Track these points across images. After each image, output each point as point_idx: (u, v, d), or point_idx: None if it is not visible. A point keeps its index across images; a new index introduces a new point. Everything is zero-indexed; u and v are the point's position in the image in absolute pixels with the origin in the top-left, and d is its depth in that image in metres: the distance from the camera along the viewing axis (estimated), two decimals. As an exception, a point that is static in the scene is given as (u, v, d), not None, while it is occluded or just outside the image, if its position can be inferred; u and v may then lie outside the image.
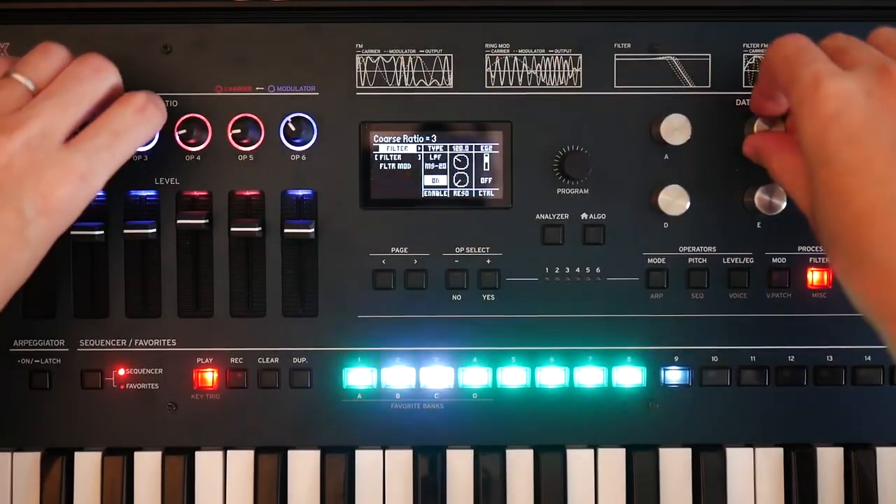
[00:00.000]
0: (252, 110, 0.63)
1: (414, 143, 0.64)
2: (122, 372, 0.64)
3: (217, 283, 0.64)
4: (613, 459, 0.65)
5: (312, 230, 0.62)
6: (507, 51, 0.63)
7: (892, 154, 0.48)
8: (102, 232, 0.62)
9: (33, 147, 0.52)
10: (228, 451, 0.65)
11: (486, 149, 0.64)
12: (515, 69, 0.63)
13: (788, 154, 0.57)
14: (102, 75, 0.56)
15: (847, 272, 0.51)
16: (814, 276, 0.64)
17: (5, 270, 0.52)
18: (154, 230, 0.62)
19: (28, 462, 0.65)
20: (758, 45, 0.63)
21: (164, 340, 0.64)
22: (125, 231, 0.62)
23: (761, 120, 0.61)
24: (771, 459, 0.65)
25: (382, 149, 0.63)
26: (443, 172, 0.64)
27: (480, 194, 0.64)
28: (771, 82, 0.58)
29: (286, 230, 0.62)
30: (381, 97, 0.63)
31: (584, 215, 0.64)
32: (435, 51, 0.63)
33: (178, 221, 0.62)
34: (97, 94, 0.56)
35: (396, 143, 0.64)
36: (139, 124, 0.56)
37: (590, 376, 0.64)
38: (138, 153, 0.62)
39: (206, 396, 0.64)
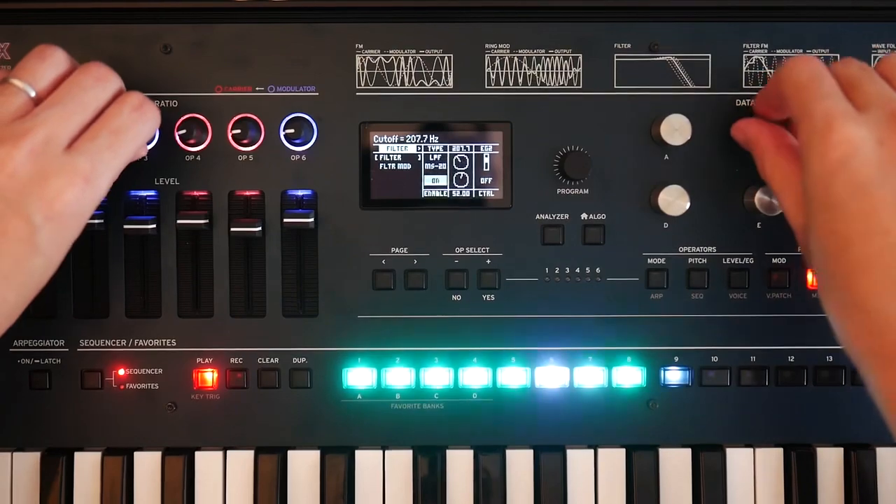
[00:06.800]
0: (252, 110, 0.63)
1: (414, 143, 0.63)
2: (122, 372, 0.64)
3: (217, 283, 0.64)
4: (613, 459, 0.65)
5: (312, 220, 0.62)
6: (507, 51, 0.63)
7: None
8: (102, 220, 0.62)
9: (37, 155, 0.52)
10: (228, 451, 0.65)
11: (486, 149, 0.64)
12: (515, 69, 0.63)
13: (785, 159, 0.56)
14: (104, 83, 0.57)
15: (839, 312, 0.50)
16: (814, 277, 0.64)
17: (20, 277, 0.52)
18: (154, 225, 0.62)
19: (28, 462, 0.65)
20: (758, 45, 0.63)
21: (164, 340, 0.64)
22: (125, 227, 0.61)
23: None
24: (771, 459, 0.65)
25: (382, 149, 0.63)
26: (443, 172, 0.64)
27: (480, 194, 0.64)
28: (778, 99, 0.57)
29: (286, 220, 0.62)
30: (381, 97, 0.63)
31: (584, 215, 0.64)
32: (435, 51, 0.63)
33: (178, 221, 0.62)
34: (100, 102, 0.56)
35: (396, 143, 0.63)
36: (137, 121, 0.56)
37: (590, 376, 0.64)
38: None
39: (206, 396, 0.64)
